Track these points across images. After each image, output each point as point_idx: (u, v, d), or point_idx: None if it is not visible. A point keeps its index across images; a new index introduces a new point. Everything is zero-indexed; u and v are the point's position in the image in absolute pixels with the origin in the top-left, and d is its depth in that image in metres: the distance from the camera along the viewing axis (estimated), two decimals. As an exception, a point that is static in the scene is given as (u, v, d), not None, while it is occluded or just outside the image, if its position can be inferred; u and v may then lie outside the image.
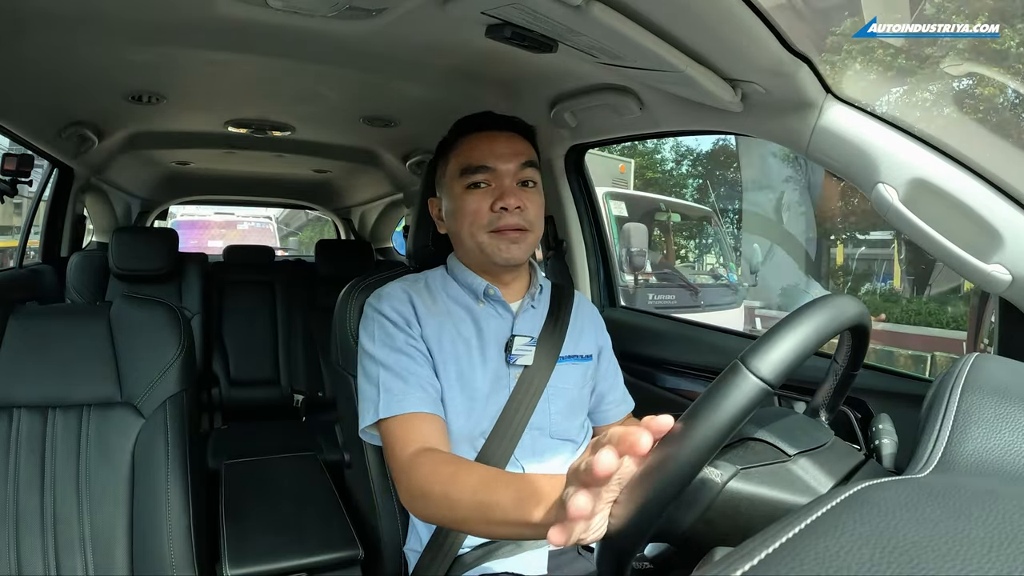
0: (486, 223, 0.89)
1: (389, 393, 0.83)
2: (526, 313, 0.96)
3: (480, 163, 0.90)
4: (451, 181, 0.93)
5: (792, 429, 0.57)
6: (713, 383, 0.47)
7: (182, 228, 5.93)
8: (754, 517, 0.50)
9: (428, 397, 0.84)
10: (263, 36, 1.04)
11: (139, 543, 0.93)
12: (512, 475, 0.68)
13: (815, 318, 0.50)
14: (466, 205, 0.90)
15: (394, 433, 0.81)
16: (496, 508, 0.63)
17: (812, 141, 0.87)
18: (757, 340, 0.48)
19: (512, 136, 0.94)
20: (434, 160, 1.01)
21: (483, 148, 0.91)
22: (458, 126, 0.97)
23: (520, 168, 0.91)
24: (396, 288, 0.93)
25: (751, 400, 0.45)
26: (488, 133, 0.94)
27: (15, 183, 1.67)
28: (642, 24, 0.73)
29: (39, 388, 0.96)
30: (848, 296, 0.56)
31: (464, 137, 0.94)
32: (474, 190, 0.90)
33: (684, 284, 5.01)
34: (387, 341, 0.87)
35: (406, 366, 0.85)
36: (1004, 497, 0.33)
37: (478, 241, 0.90)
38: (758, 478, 0.51)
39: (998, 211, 0.76)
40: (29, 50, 1.08)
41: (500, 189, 0.90)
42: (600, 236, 1.60)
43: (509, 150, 0.92)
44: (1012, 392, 0.49)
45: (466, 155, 0.92)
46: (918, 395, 0.64)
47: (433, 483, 0.72)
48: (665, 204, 5.97)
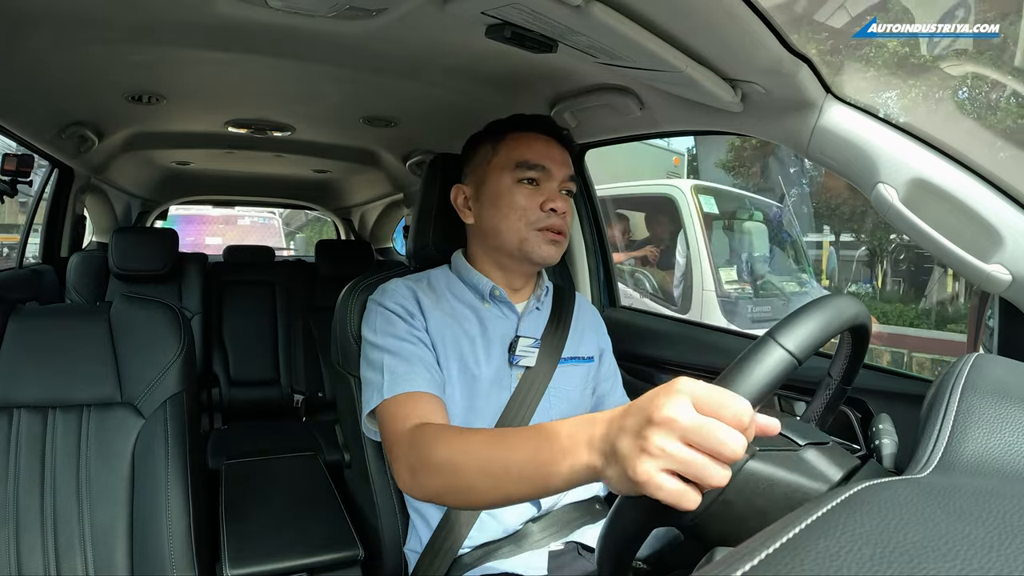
0: (534, 220, 0.90)
1: (394, 374, 0.81)
2: (531, 314, 0.96)
3: (539, 162, 0.91)
4: (498, 171, 0.93)
5: (796, 425, 0.57)
6: (743, 353, 0.49)
7: (177, 224, 5.15)
8: (770, 498, 0.50)
9: (433, 380, 0.83)
10: (263, 36, 1.04)
11: (139, 543, 0.93)
12: (523, 429, 0.62)
13: (836, 305, 0.54)
14: (516, 199, 0.90)
15: (394, 412, 0.78)
16: (510, 466, 0.58)
17: (812, 141, 0.87)
18: (784, 318, 0.52)
19: (561, 145, 0.96)
20: (471, 145, 1.00)
21: (541, 149, 0.93)
22: (512, 120, 0.98)
23: (567, 179, 0.94)
24: (399, 284, 0.93)
25: (780, 371, 0.48)
26: (545, 136, 0.95)
27: (15, 183, 1.68)
28: (642, 24, 0.73)
29: (39, 388, 0.96)
30: (850, 297, 0.58)
31: (517, 133, 0.95)
32: (526, 186, 0.91)
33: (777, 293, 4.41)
34: (391, 331, 0.87)
35: (411, 351, 0.85)
36: (1004, 497, 0.33)
37: (522, 236, 0.90)
38: (775, 461, 0.52)
39: (998, 211, 0.76)
40: (29, 50, 1.08)
41: (549, 191, 0.91)
42: (600, 236, 1.60)
43: (561, 158, 0.94)
44: (1012, 392, 0.49)
45: (524, 151, 0.92)
46: (918, 395, 0.65)
47: (435, 450, 0.67)
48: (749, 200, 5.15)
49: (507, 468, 0.59)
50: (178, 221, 5.25)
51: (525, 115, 0.99)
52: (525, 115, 0.99)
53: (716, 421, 0.44)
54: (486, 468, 0.61)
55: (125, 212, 2.88)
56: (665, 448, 0.44)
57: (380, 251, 3.49)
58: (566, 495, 0.91)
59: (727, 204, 4.48)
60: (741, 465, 0.51)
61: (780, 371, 0.48)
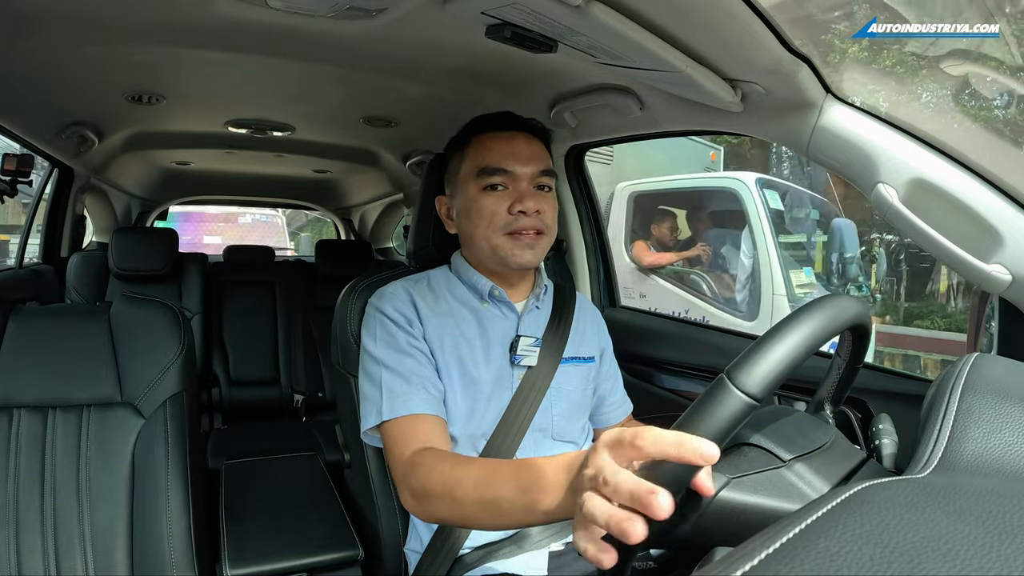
0: (502, 225, 0.88)
1: (392, 394, 0.82)
2: (530, 314, 0.96)
3: (498, 165, 0.88)
4: (465, 180, 0.91)
5: (789, 431, 0.56)
6: (698, 399, 0.47)
7: (173, 221, 4.65)
8: (747, 525, 0.49)
9: (431, 398, 0.83)
10: (263, 36, 1.04)
11: (139, 543, 0.93)
12: (513, 464, 0.65)
13: (806, 324, 0.49)
14: (483, 207, 0.88)
15: (395, 435, 0.80)
16: (501, 501, 0.62)
17: (812, 141, 0.87)
18: (744, 352, 0.47)
19: (530, 138, 0.92)
20: (444, 156, 0.99)
21: (501, 149, 0.89)
22: (474, 124, 0.95)
23: (538, 174, 0.90)
24: (398, 288, 0.92)
25: (735, 417, 0.45)
26: (506, 133, 0.92)
27: (15, 183, 1.68)
28: (642, 24, 0.73)
29: (39, 388, 0.96)
30: (844, 297, 0.56)
31: (480, 135, 0.92)
32: (491, 192, 0.88)
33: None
34: (389, 341, 0.86)
35: (409, 367, 0.84)
36: (1004, 497, 0.33)
37: (493, 244, 0.89)
38: (750, 487, 0.51)
39: (998, 211, 0.76)
40: (29, 50, 1.08)
41: (518, 192, 0.88)
42: (600, 236, 1.60)
43: (528, 153, 0.90)
44: (1012, 392, 0.49)
45: (483, 155, 0.90)
46: (918, 395, 0.64)
47: (434, 481, 0.70)
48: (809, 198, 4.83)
49: (499, 503, 0.62)
50: (175, 218, 4.97)
51: (486, 115, 0.95)
52: (486, 115, 0.95)
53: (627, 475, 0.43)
54: (482, 501, 0.64)
55: (125, 212, 2.88)
56: (586, 506, 0.45)
57: (380, 251, 3.49)
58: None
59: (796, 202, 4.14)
60: (712, 496, 0.49)
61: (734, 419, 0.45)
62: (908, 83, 3.00)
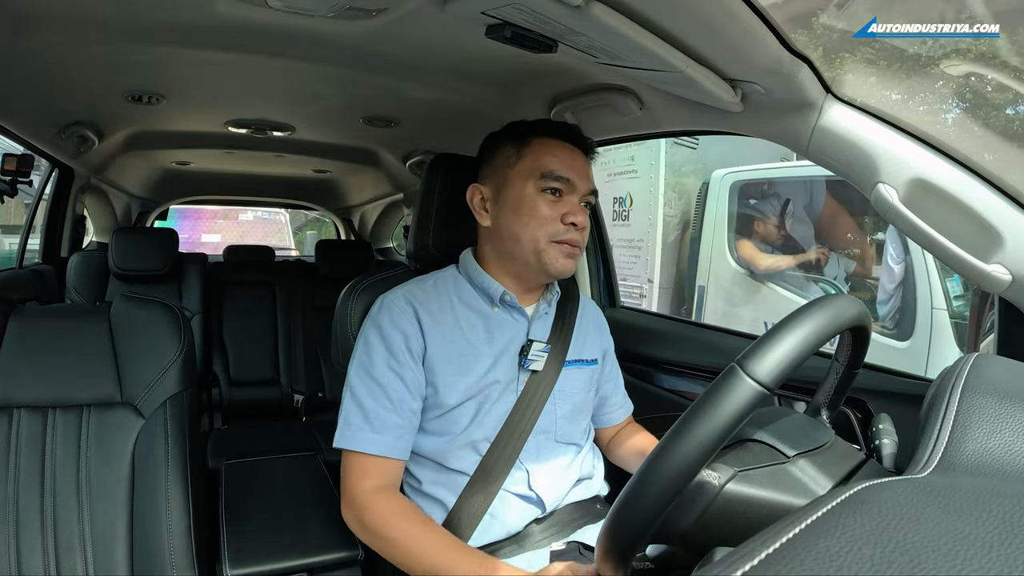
0: (552, 232, 0.88)
1: (347, 425, 0.85)
2: (540, 318, 0.95)
3: (565, 174, 0.89)
4: (522, 177, 0.90)
5: (791, 430, 0.57)
6: (710, 386, 0.47)
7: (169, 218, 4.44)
8: (752, 519, 0.50)
9: (384, 440, 0.84)
10: (263, 36, 1.04)
11: (139, 543, 0.93)
12: (472, 554, 0.76)
13: (813, 319, 0.50)
14: (539, 209, 0.88)
15: (348, 461, 0.85)
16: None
17: (812, 141, 0.87)
18: (755, 343, 0.48)
19: (585, 157, 0.94)
20: (490, 144, 0.97)
21: (567, 160, 0.90)
22: (540, 125, 0.95)
23: (589, 192, 0.92)
24: (400, 300, 0.90)
25: (747, 404, 0.45)
26: (573, 147, 0.93)
27: (15, 183, 1.68)
28: (642, 24, 0.73)
29: (39, 388, 0.96)
30: (847, 296, 0.56)
31: (544, 139, 0.92)
32: (549, 196, 0.89)
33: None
34: (366, 365, 0.87)
35: (375, 398, 0.85)
36: (1004, 497, 0.33)
37: (539, 247, 0.88)
38: (756, 480, 0.51)
39: (998, 211, 0.76)
40: (29, 50, 1.08)
41: (571, 204, 0.89)
42: (600, 236, 1.60)
43: (586, 171, 0.93)
44: (1012, 392, 0.49)
45: (548, 160, 0.90)
46: (918, 395, 0.64)
47: (390, 530, 0.79)
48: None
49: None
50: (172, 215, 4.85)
51: (553, 122, 0.96)
52: (553, 122, 0.96)
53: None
54: (430, 568, 0.75)
55: (125, 212, 2.88)
56: None
57: (380, 251, 3.49)
58: (568, 496, 0.92)
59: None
60: (720, 488, 0.50)
61: (746, 407, 0.45)
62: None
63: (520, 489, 0.88)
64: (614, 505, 0.51)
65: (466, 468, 0.87)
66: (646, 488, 0.47)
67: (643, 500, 0.47)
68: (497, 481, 0.86)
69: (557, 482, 0.90)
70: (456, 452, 0.87)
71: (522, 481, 0.88)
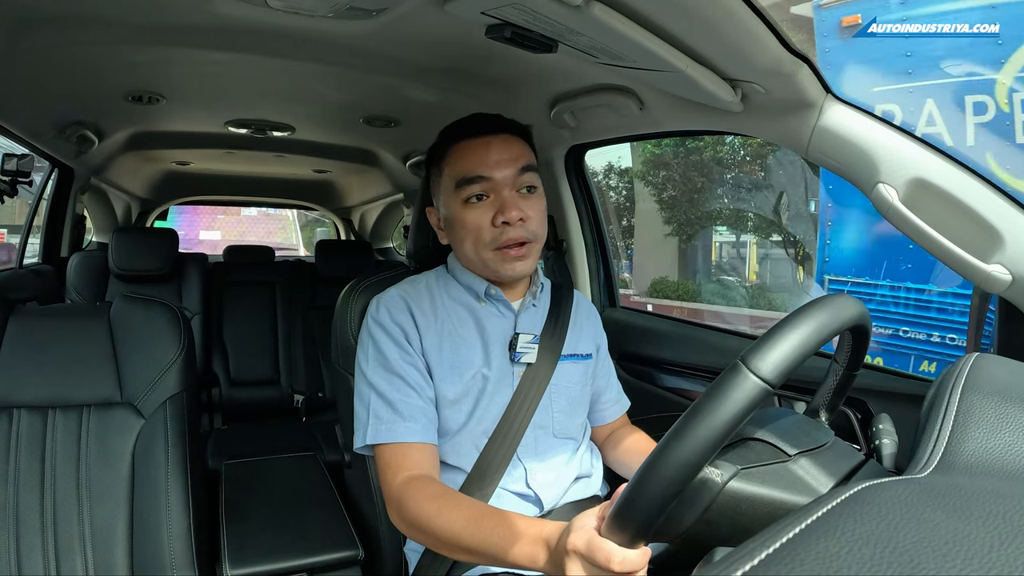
0: (489, 240, 0.86)
1: (378, 420, 0.83)
2: (527, 311, 0.96)
3: (474, 173, 0.85)
4: (446, 194, 0.89)
5: (792, 429, 0.57)
6: (714, 382, 0.47)
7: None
8: (755, 517, 0.50)
9: (417, 426, 0.83)
10: (263, 36, 1.04)
11: (139, 543, 0.93)
12: (496, 514, 0.72)
13: (816, 318, 0.50)
14: (466, 221, 0.86)
15: (386, 460, 0.83)
16: (484, 548, 0.69)
17: (812, 141, 0.87)
18: (758, 340, 0.48)
19: (507, 138, 0.88)
20: (427, 170, 0.97)
21: (476, 156, 0.86)
22: (446, 133, 0.91)
23: (519, 174, 0.86)
24: (395, 297, 0.90)
25: (751, 400, 0.46)
26: (480, 139, 0.87)
27: (15, 183, 1.67)
28: (642, 24, 0.73)
29: (39, 388, 0.96)
30: (848, 296, 0.56)
31: (455, 145, 0.89)
32: (473, 204, 0.86)
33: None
34: (381, 361, 0.86)
35: (398, 393, 0.84)
36: (1004, 497, 0.33)
37: (483, 257, 0.88)
38: (759, 478, 0.51)
39: (998, 211, 0.76)
40: (29, 50, 1.08)
41: (500, 200, 0.85)
42: (600, 236, 1.60)
43: (505, 155, 0.86)
44: (1012, 392, 0.49)
45: (459, 166, 0.87)
46: (918, 395, 0.64)
47: (421, 515, 0.75)
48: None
49: (480, 547, 0.70)
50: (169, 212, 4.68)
51: (457, 122, 0.91)
52: (457, 122, 0.91)
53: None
54: (462, 544, 0.72)
55: (125, 212, 2.88)
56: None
57: (380, 251, 3.49)
58: (566, 494, 0.92)
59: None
60: (722, 485, 0.50)
61: (750, 403, 0.46)
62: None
63: (518, 487, 0.88)
64: (620, 495, 0.51)
65: (464, 465, 0.87)
66: (648, 485, 0.47)
67: (645, 498, 0.47)
68: (495, 478, 0.86)
69: (555, 479, 0.90)
70: (455, 448, 0.87)
71: (520, 479, 0.88)
